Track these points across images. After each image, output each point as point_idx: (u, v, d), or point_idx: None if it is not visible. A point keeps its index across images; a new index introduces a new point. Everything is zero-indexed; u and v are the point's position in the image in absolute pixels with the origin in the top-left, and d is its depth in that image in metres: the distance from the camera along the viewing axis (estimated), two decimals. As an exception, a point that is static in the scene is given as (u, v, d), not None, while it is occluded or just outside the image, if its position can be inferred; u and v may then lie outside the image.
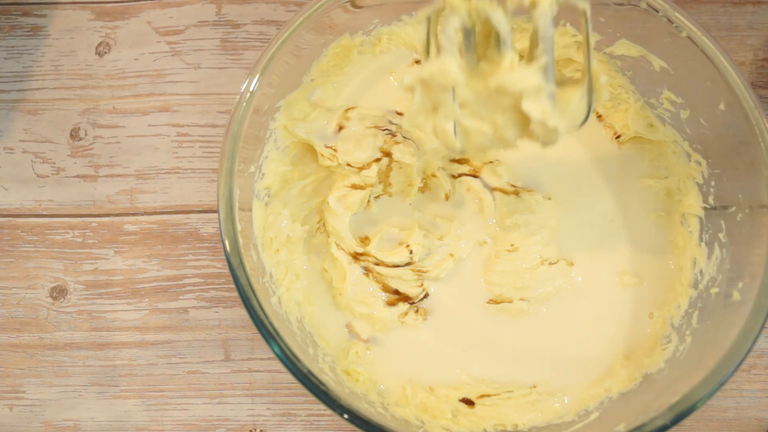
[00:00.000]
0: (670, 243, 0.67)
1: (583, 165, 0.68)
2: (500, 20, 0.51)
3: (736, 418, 0.68)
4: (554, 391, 0.64)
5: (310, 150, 0.68)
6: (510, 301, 0.66)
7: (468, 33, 0.53)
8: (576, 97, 0.55)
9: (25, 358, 0.70)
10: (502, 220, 0.68)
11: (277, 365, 0.63)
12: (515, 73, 0.51)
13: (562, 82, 0.55)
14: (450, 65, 0.52)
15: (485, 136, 0.55)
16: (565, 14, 0.66)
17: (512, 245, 0.67)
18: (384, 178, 0.68)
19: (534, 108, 0.52)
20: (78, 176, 0.74)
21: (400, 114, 0.69)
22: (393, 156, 0.66)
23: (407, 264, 0.66)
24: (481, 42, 0.54)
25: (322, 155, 0.66)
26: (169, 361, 0.70)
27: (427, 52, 0.55)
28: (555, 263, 0.66)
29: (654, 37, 0.63)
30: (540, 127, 0.53)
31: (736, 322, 0.56)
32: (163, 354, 0.70)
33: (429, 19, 0.54)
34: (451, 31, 0.52)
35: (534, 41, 0.52)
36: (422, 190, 0.69)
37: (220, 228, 0.58)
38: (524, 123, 0.53)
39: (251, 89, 0.60)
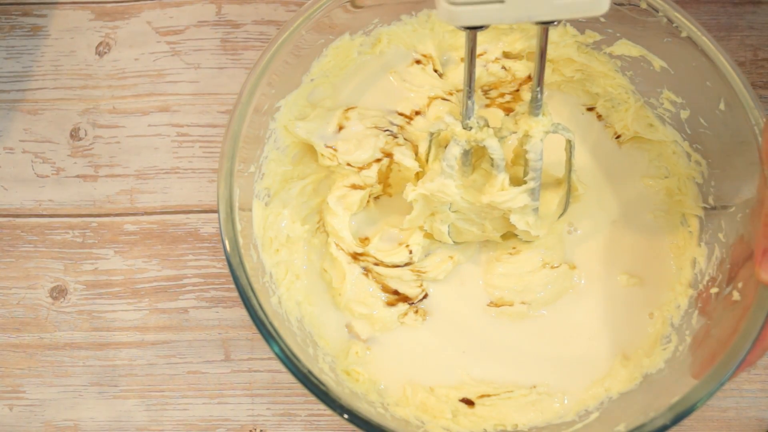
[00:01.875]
0: (670, 243, 0.67)
1: (583, 165, 0.68)
2: (495, 148, 0.59)
3: (736, 418, 0.67)
4: (554, 392, 0.64)
5: (310, 150, 0.68)
6: (511, 305, 0.66)
7: (466, 153, 0.61)
8: (555, 202, 0.65)
9: (25, 358, 0.70)
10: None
11: (277, 365, 0.63)
12: (506, 194, 0.60)
13: (544, 186, 0.64)
14: (448, 187, 0.61)
15: (475, 235, 0.65)
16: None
17: (514, 248, 0.67)
18: (384, 178, 0.68)
19: (520, 221, 0.62)
20: (78, 176, 0.74)
21: (400, 114, 0.69)
22: (394, 157, 0.66)
23: (406, 264, 0.66)
24: (475, 153, 0.62)
25: (322, 155, 0.66)
26: (169, 361, 0.70)
27: (427, 158, 0.64)
28: (557, 267, 0.66)
29: (654, 37, 0.63)
30: (524, 234, 0.64)
31: (736, 322, 0.56)
32: (163, 354, 0.70)
33: (431, 134, 0.62)
34: (452, 159, 0.60)
35: (522, 160, 0.61)
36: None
37: (220, 228, 0.58)
38: (509, 226, 0.63)
39: (251, 89, 0.60)
